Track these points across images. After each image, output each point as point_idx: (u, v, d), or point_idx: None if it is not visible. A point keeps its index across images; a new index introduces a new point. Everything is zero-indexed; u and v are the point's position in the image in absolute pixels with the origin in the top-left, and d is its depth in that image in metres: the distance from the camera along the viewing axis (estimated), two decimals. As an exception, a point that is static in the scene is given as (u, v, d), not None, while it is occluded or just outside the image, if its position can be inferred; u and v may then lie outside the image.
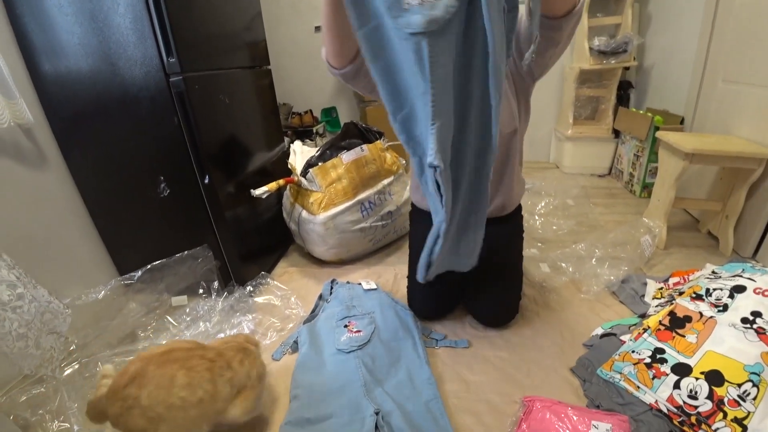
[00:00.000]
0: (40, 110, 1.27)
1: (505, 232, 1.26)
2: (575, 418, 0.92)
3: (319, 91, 3.13)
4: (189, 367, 0.82)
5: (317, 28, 2.89)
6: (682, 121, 2.11)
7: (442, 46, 0.64)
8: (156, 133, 1.23)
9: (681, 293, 1.17)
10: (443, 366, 1.13)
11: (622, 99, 2.61)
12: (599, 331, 1.21)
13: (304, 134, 2.92)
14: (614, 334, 1.17)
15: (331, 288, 1.45)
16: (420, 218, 1.27)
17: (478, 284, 1.26)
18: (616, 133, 2.56)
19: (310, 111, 3.00)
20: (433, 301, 1.30)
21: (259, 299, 1.45)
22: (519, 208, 1.31)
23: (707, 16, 1.90)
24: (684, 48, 2.12)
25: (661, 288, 1.35)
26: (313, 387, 1.03)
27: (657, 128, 2.10)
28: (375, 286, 1.41)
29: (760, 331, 0.94)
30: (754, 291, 1.04)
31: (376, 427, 0.90)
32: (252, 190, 1.45)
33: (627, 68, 2.54)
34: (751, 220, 1.60)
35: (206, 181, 1.27)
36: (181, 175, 1.28)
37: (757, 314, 0.98)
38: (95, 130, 1.27)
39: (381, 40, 0.68)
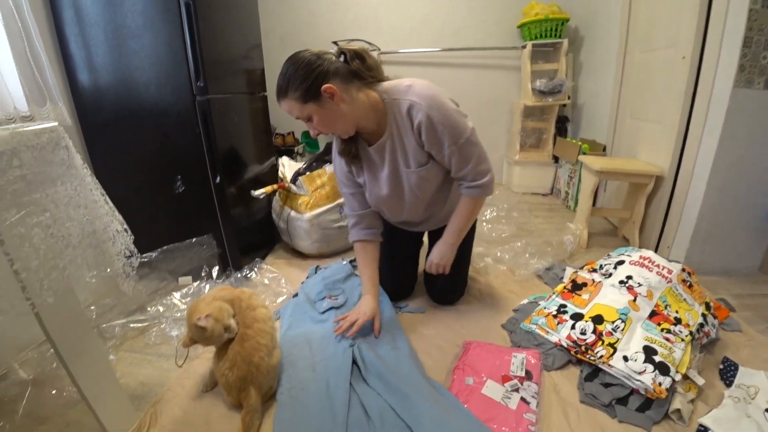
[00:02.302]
0: (74, 115, 1.56)
1: None
2: (501, 352, 1.25)
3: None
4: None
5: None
6: (604, 149, 2.58)
7: None
8: (179, 141, 1.53)
9: (582, 268, 1.55)
10: (405, 324, 1.43)
11: (561, 130, 3.09)
12: (525, 301, 1.56)
13: (286, 153, 3.23)
14: (536, 302, 1.52)
15: (316, 271, 1.75)
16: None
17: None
18: (556, 159, 3.02)
19: (292, 133, 3.35)
20: (398, 281, 1.59)
21: (253, 280, 1.72)
22: None
23: (618, 67, 2.40)
24: (605, 90, 2.61)
25: (575, 272, 1.72)
26: (305, 336, 1.31)
27: (585, 154, 2.55)
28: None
29: (629, 288, 1.32)
30: (630, 263, 1.43)
31: (354, 360, 1.20)
32: (252, 191, 1.76)
33: (564, 105, 3.03)
34: (650, 224, 2.03)
35: (217, 180, 1.57)
36: (196, 175, 1.57)
37: (629, 277, 1.36)
38: (124, 136, 1.56)
39: None
